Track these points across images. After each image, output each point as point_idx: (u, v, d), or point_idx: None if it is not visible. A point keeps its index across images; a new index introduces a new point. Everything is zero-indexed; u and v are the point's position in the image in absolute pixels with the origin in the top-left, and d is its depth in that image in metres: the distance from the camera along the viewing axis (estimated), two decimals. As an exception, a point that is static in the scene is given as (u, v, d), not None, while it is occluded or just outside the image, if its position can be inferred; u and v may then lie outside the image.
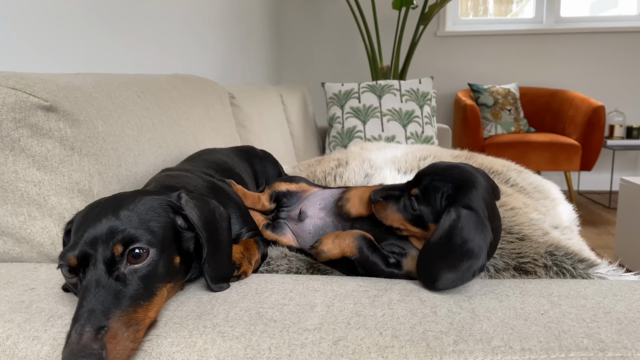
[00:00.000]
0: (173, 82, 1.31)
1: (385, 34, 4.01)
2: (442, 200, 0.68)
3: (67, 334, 0.51)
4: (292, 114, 2.66)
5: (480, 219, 0.65)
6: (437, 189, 0.69)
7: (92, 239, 0.57)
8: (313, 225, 0.83)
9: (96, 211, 0.61)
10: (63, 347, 0.50)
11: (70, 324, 0.52)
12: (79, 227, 0.60)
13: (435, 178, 0.70)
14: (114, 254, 0.57)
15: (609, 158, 4.19)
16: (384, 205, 0.74)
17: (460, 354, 0.51)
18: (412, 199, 0.70)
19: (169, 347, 0.54)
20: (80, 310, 0.52)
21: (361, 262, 0.72)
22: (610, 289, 0.64)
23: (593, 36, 4.15)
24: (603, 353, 0.50)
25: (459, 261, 0.63)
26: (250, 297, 0.63)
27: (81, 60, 1.42)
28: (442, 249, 0.65)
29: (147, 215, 0.62)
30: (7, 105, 0.75)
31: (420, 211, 0.70)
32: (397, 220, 0.72)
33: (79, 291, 0.56)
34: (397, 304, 0.61)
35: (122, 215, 0.60)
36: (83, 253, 0.57)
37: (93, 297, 0.54)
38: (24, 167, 0.76)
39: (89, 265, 0.57)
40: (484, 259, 0.64)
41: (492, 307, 0.59)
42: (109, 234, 0.58)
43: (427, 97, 2.88)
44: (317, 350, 0.52)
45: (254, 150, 1.21)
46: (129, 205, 0.62)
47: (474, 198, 0.67)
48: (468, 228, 0.64)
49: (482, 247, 0.64)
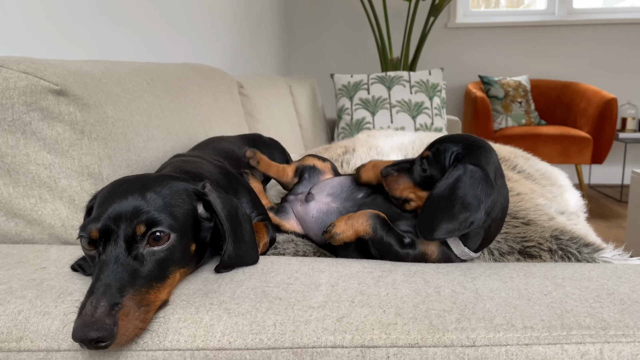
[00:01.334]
0: (182, 71, 1.32)
1: (395, 25, 4.00)
2: (451, 158, 0.70)
3: (80, 305, 0.52)
4: (300, 105, 2.66)
5: (485, 175, 0.67)
6: (447, 149, 0.71)
7: (116, 215, 0.58)
8: (317, 210, 0.84)
9: (123, 188, 0.62)
10: (76, 317, 0.51)
11: (85, 295, 0.53)
12: (104, 201, 0.61)
13: (446, 141, 0.72)
14: (136, 233, 0.58)
15: (620, 151, 4.15)
16: (395, 177, 0.75)
17: (463, 331, 0.52)
18: (423, 160, 0.73)
19: (176, 322, 0.55)
20: (97, 284, 0.53)
21: (376, 242, 0.72)
22: (615, 271, 0.64)
23: (606, 28, 4.10)
24: (605, 331, 0.51)
25: (458, 212, 0.65)
26: (256, 277, 0.64)
27: (90, 49, 1.44)
28: (444, 200, 0.67)
29: (172, 200, 0.63)
30: (19, 89, 0.76)
31: (429, 171, 0.72)
32: (408, 188, 0.74)
33: (96, 265, 0.57)
34: (401, 284, 0.61)
35: (149, 197, 0.61)
36: (105, 227, 0.58)
37: (111, 273, 0.55)
38: (35, 150, 0.78)
39: (110, 240, 0.58)
40: (481, 212, 0.65)
41: (496, 288, 0.60)
42: (133, 212, 0.59)
43: (437, 89, 2.87)
44: (321, 326, 0.53)
45: (262, 137, 1.22)
46: (155, 187, 0.63)
47: (483, 158, 0.69)
48: (472, 182, 0.66)
49: (481, 200, 0.65)
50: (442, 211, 0.66)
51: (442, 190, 0.67)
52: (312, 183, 0.92)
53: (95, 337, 0.49)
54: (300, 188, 0.91)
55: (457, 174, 0.67)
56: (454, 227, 0.65)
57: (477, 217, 0.65)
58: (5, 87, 0.76)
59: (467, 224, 0.65)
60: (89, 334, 0.49)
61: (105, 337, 0.49)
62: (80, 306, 0.52)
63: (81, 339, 0.49)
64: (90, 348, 0.50)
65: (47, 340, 0.55)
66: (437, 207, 0.67)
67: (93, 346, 0.50)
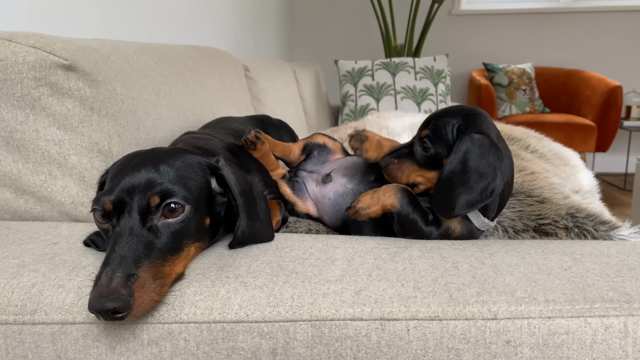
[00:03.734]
0: (189, 52, 1.30)
1: (399, 12, 3.96)
2: (453, 131, 0.69)
3: (96, 277, 0.52)
4: (305, 90, 2.65)
5: (492, 141, 0.66)
6: (446, 123, 0.69)
7: (130, 187, 0.58)
8: (334, 192, 0.82)
9: (135, 161, 0.61)
10: (91, 289, 0.50)
11: (100, 267, 0.53)
12: (117, 174, 0.60)
13: (443, 115, 0.71)
14: (150, 204, 0.57)
15: (625, 139, 4.13)
16: (397, 164, 0.74)
17: (484, 304, 0.51)
18: (424, 140, 0.71)
19: (192, 295, 0.54)
20: (112, 255, 0.53)
21: (402, 218, 0.70)
22: (634, 248, 0.64)
23: (611, 15, 4.06)
24: (629, 304, 0.50)
25: (476, 183, 0.64)
26: (271, 252, 0.63)
27: (96, 31, 1.42)
28: (459, 174, 0.65)
29: (186, 172, 0.62)
30: (28, 64, 0.75)
31: (433, 149, 0.70)
32: (413, 172, 0.72)
33: (110, 237, 0.56)
34: (417, 259, 0.60)
35: (162, 169, 0.60)
36: (119, 199, 0.57)
37: (125, 244, 0.54)
38: (45, 126, 0.77)
39: (124, 212, 0.57)
40: (499, 178, 0.65)
41: (515, 263, 0.59)
42: (147, 184, 0.58)
43: (441, 75, 2.85)
44: (339, 299, 0.52)
45: (270, 119, 1.21)
46: (169, 160, 0.62)
47: (484, 125, 0.68)
48: (483, 151, 0.65)
49: (496, 167, 0.65)
50: (459, 186, 0.65)
51: (453, 165, 0.66)
52: (321, 162, 0.91)
53: (112, 307, 0.48)
54: (310, 165, 0.90)
55: (466, 145, 0.66)
56: (475, 199, 0.64)
57: (496, 183, 0.65)
58: (14, 62, 0.75)
59: (488, 192, 0.64)
60: (106, 304, 0.48)
61: (122, 307, 0.49)
62: (95, 278, 0.52)
63: (97, 310, 0.48)
64: (107, 319, 0.50)
65: (61, 313, 0.54)
66: (451, 183, 0.66)
67: (109, 317, 0.49)
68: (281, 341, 0.52)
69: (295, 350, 0.52)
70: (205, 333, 0.52)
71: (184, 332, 0.52)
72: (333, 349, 0.51)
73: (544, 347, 0.49)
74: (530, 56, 4.18)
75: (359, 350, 0.51)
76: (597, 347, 0.49)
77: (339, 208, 0.81)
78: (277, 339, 0.52)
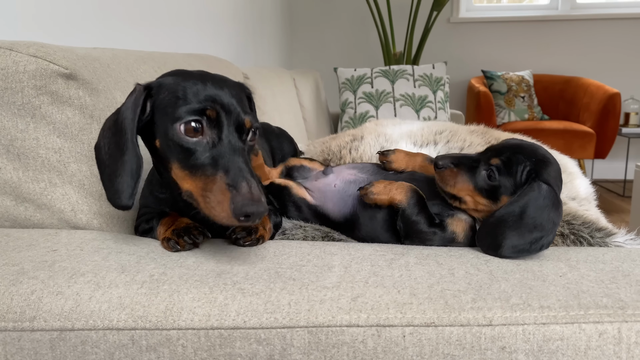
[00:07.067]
0: (189, 60, 1.31)
1: (398, 20, 3.98)
2: (524, 173, 0.67)
3: (226, 184, 0.56)
4: (304, 98, 2.66)
5: (556, 196, 0.66)
6: (520, 161, 0.68)
7: (226, 104, 0.61)
8: (341, 180, 0.83)
9: (212, 80, 0.64)
10: (231, 196, 0.55)
11: (222, 175, 0.57)
12: (198, 90, 0.62)
13: (519, 152, 0.69)
14: (245, 125, 0.61)
15: (624, 146, 4.14)
16: (454, 172, 0.72)
17: (479, 310, 0.51)
18: (493, 168, 0.69)
19: (190, 302, 0.54)
20: (234, 165, 0.57)
21: (405, 217, 0.71)
22: (629, 254, 0.64)
23: (609, 22, 4.08)
24: (623, 311, 0.50)
25: (529, 233, 0.64)
26: (268, 259, 0.63)
27: (95, 39, 1.43)
28: (515, 219, 0.65)
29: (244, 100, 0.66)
30: (28, 73, 0.76)
31: (498, 182, 0.68)
32: (467, 190, 0.71)
33: (217, 147, 0.59)
34: (414, 266, 0.61)
35: (236, 94, 0.64)
36: (218, 112, 0.60)
37: (240, 157, 0.58)
38: (45, 134, 0.77)
39: (223, 126, 0.60)
40: (553, 235, 0.64)
41: (510, 270, 0.60)
42: (237, 104, 0.62)
43: (440, 83, 2.86)
44: (336, 305, 0.53)
45: (270, 127, 1.21)
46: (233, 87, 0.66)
47: (553, 175, 0.67)
48: (545, 204, 0.65)
49: (555, 223, 0.64)
50: (511, 229, 0.64)
51: (513, 207, 0.65)
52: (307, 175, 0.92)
53: (263, 211, 0.54)
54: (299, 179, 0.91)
55: (532, 194, 0.65)
56: (523, 247, 0.64)
57: (550, 239, 0.64)
58: (14, 71, 0.75)
59: (538, 246, 0.64)
60: (259, 209, 0.54)
61: (264, 213, 0.55)
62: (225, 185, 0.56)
63: (252, 213, 0.54)
64: (252, 222, 0.56)
65: (60, 320, 0.54)
66: (505, 224, 0.65)
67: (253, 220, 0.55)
68: (278, 347, 0.52)
69: (292, 357, 0.52)
70: (202, 339, 0.53)
71: (182, 338, 0.53)
72: (330, 355, 0.52)
73: (539, 353, 0.50)
74: (529, 63, 4.20)
75: (356, 357, 0.51)
76: (591, 353, 0.50)
77: (347, 195, 0.82)
78: (274, 345, 0.52)
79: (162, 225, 0.71)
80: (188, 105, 0.60)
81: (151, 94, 0.65)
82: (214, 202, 0.57)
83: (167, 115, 0.62)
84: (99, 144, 0.68)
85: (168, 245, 0.66)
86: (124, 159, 0.64)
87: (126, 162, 0.64)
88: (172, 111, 0.61)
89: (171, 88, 0.63)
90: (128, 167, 0.64)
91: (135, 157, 0.64)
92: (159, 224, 0.72)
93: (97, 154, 0.68)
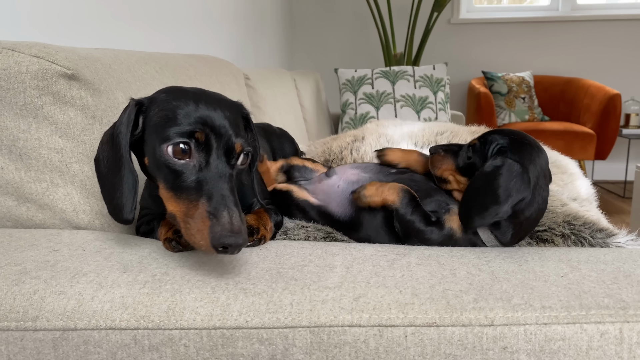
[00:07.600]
0: (190, 61, 1.31)
1: (399, 20, 3.98)
2: (494, 149, 0.71)
3: (207, 212, 0.55)
4: (305, 98, 2.66)
5: (523, 173, 0.66)
6: (494, 140, 0.72)
7: (217, 126, 0.59)
8: (344, 180, 0.84)
9: (206, 100, 0.62)
10: (210, 225, 0.54)
11: (204, 202, 0.56)
12: (190, 111, 0.60)
13: (495, 133, 0.73)
14: (235, 149, 0.60)
15: (624, 147, 4.14)
16: (441, 156, 0.77)
17: (481, 310, 0.52)
18: (470, 148, 0.74)
19: (192, 302, 0.55)
20: (217, 192, 0.56)
21: (400, 217, 0.73)
22: (630, 255, 0.64)
23: (610, 23, 4.09)
24: (624, 311, 0.51)
25: (490, 203, 0.66)
26: (270, 259, 0.63)
27: (97, 39, 1.43)
28: (479, 190, 0.68)
29: (238, 122, 0.64)
30: (31, 73, 0.76)
31: (473, 159, 0.73)
32: (448, 170, 0.76)
33: (202, 171, 0.58)
34: (415, 266, 0.61)
35: (229, 116, 0.62)
36: (207, 136, 0.59)
37: (225, 184, 0.57)
38: (47, 134, 0.78)
39: (212, 150, 0.59)
40: (507, 206, 0.65)
41: (511, 270, 0.60)
42: (229, 127, 0.60)
43: (441, 83, 2.87)
44: (337, 306, 0.53)
45: (271, 127, 1.21)
46: (228, 107, 0.64)
47: (527, 155, 0.68)
48: (508, 176, 0.66)
49: (510, 195, 0.65)
50: (476, 202, 0.68)
51: (478, 179, 0.69)
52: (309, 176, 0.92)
53: (241, 243, 0.54)
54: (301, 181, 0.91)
55: (494, 165, 0.68)
56: (484, 216, 0.66)
57: (502, 209, 0.65)
58: (17, 71, 0.76)
59: (493, 214, 0.66)
60: (237, 241, 0.53)
61: (244, 244, 0.54)
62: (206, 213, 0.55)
63: (230, 244, 0.53)
64: (232, 253, 0.55)
65: (63, 320, 0.54)
66: (472, 197, 0.69)
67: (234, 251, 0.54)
68: (280, 347, 0.52)
69: (294, 357, 0.52)
70: (205, 339, 0.53)
71: (184, 338, 0.53)
72: (331, 355, 0.52)
73: (541, 353, 0.50)
74: (529, 64, 4.20)
75: (357, 357, 0.51)
76: (592, 354, 0.50)
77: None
78: (276, 345, 0.52)
79: (163, 226, 0.71)
80: (177, 127, 0.58)
81: (143, 109, 0.65)
82: (194, 229, 0.56)
83: (157, 134, 0.61)
84: (99, 157, 0.68)
85: (170, 245, 0.66)
86: (122, 174, 0.63)
87: (124, 177, 0.63)
88: (161, 131, 0.60)
89: (163, 106, 0.62)
90: (125, 182, 0.63)
91: (130, 174, 0.63)
92: (160, 225, 0.72)
93: (97, 167, 0.68)
